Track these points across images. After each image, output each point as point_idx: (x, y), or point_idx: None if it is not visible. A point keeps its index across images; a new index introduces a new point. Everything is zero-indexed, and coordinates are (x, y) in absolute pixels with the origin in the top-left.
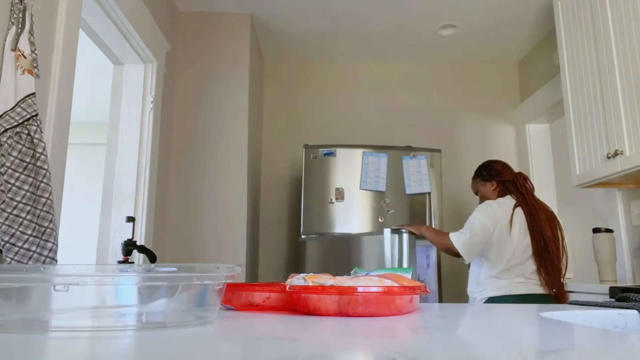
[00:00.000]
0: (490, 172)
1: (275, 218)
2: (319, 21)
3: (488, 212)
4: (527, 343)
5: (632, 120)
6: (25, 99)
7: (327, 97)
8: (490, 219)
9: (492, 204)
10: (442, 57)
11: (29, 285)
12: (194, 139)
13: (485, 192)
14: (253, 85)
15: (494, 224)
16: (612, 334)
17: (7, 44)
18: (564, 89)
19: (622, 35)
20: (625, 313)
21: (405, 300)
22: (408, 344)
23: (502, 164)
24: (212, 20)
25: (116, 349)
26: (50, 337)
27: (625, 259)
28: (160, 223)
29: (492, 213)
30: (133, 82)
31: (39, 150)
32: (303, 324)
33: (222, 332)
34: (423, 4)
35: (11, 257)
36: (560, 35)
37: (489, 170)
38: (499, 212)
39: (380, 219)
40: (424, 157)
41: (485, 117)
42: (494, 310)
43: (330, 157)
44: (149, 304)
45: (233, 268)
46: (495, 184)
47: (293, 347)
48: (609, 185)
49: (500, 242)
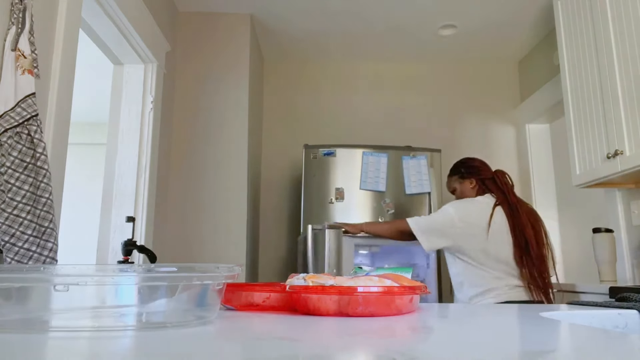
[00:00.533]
0: (469, 170)
1: (275, 218)
2: (319, 21)
3: (459, 206)
4: (526, 343)
5: (632, 120)
6: (26, 99)
7: (327, 97)
8: (459, 213)
9: (467, 202)
10: (442, 57)
11: (29, 285)
12: (194, 138)
13: (463, 190)
14: (253, 85)
15: (463, 220)
16: (612, 334)
17: (7, 44)
18: (564, 89)
19: (622, 35)
20: (625, 313)
21: (405, 300)
22: (408, 344)
23: (480, 161)
24: (212, 20)
25: (116, 349)
26: (50, 337)
27: (625, 259)
28: (160, 223)
29: (464, 209)
30: (133, 82)
31: (39, 150)
32: (303, 324)
33: (222, 332)
34: (423, 4)
35: (11, 257)
36: (560, 35)
37: (468, 167)
38: (474, 212)
39: (380, 219)
40: (424, 157)
41: (485, 117)
42: (494, 310)
43: (330, 157)
44: (149, 304)
45: (233, 268)
46: (474, 181)
47: (293, 347)
48: (609, 185)
49: (475, 242)
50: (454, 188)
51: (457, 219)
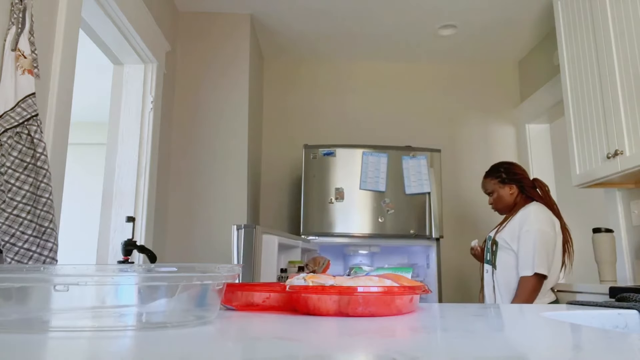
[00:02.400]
0: (511, 176)
1: (275, 218)
2: (319, 21)
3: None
4: (527, 343)
5: (632, 120)
6: (26, 99)
7: (327, 97)
8: (548, 225)
9: (543, 209)
10: (442, 57)
11: (29, 285)
12: (194, 138)
13: (502, 195)
14: (253, 85)
15: (553, 228)
16: (612, 334)
17: (7, 44)
18: (564, 89)
19: (622, 35)
20: (625, 313)
21: (405, 300)
22: (408, 344)
23: (520, 167)
24: (212, 20)
25: (116, 349)
26: (50, 337)
27: (625, 259)
28: (160, 223)
29: (545, 217)
30: (133, 82)
31: (39, 150)
32: (303, 324)
33: (222, 332)
34: (423, 4)
35: (11, 257)
36: (560, 35)
37: (509, 173)
38: (551, 215)
39: (380, 219)
40: (424, 157)
41: (485, 117)
42: (494, 311)
43: (330, 157)
44: (149, 304)
45: (233, 268)
46: (515, 188)
47: (293, 347)
48: (609, 185)
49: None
50: (492, 191)
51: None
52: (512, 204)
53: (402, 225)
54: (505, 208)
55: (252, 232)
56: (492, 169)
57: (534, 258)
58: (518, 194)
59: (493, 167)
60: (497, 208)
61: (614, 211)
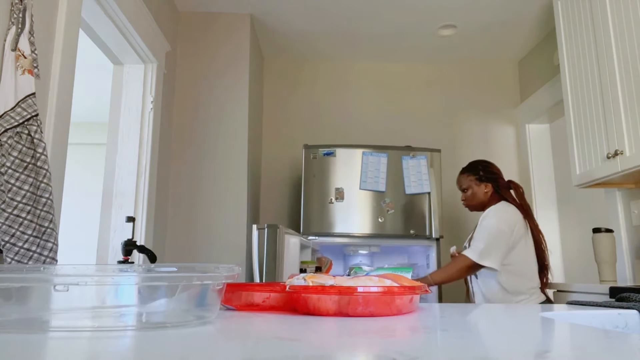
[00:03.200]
0: (488, 175)
1: (275, 218)
2: (319, 21)
3: (501, 216)
4: (527, 343)
5: (632, 120)
6: (26, 99)
7: (327, 97)
8: (505, 224)
9: (506, 208)
10: (442, 57)
11: (29, 285)
12: (194, 138)
13: (476, 193)
14: (253, 85)
15: (510, 227)
16: (612, 334)
17: (7, 44)
18: (564, 89)
19: (622, 35)
20: (625, 313)
21: (405, 300)
22: (408, 344)
23: (498, 168)
24: (212, 20)
25: (116, 349)
26: (50, 337)
27: (625, 259)
28: (160, 223)
29: (507, 217)
30: (133, 82)
31: (39, 151)
32: (303, 324)
33: (222, 332)
34: (423, 4)
35: (11, 257)
36: (560, 35)
37: (487, 171)
38: (515, 216)
39: (380, 219)
40: (423, 157)
41: (485, 117)
42: (494, 311)
43: (330, 157)
44: (149, 304)
45: (233, 268)
46: (490, 187)
47: (293, 347)
48: (609, 185)
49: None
50: (467, 187)
51: (506, 227)
52: (485, 202)
53: (402, 225)
54: (478, 205)
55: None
56: (470, 165)
57: (481, 247)
58: (492, 193)
59: (471, 164)
60: (468, 205)
61: (614, 211)
